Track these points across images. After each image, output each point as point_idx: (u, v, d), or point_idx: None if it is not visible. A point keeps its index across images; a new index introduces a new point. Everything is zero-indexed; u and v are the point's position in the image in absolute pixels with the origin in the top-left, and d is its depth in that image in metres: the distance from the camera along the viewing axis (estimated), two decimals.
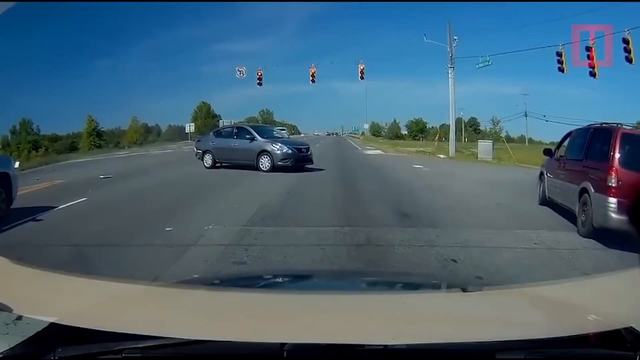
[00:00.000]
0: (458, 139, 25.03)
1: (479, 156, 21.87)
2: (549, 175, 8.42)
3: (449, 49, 22.89)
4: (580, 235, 6.49)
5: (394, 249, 5.73)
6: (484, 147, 22.28)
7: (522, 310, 1.52)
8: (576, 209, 6.74)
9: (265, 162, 13.99)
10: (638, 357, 1.13)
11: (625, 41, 17.90)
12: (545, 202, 8.42)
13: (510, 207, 8.77)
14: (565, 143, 8.34)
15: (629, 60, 18.01)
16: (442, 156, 22.50)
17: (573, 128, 8.68)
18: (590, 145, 7.10)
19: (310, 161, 14.56)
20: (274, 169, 13.72)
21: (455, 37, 22.98)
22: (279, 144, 14.26)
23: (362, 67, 24.10)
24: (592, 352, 1.18)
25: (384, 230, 6.59)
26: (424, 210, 8.15)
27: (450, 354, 1.15)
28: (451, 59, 22.99)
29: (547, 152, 9.11)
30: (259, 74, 24.75)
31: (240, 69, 25.35)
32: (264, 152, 14.10)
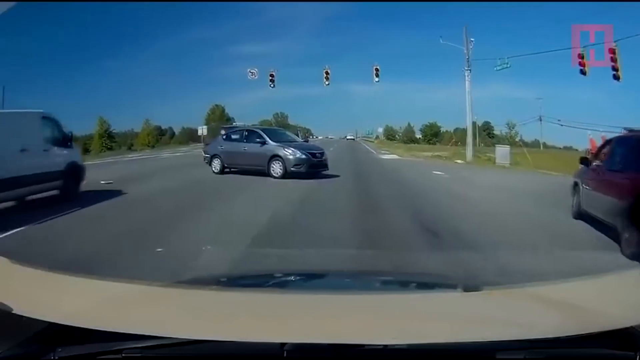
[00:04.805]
0: (474, 143, 24.71)
1: (496, 161, 21.56)
2: (585, 186, 7.64)
3: (465, 51, 22.77)
4: (624, 255, 5.72)
5: None
6: (501, 152, 22.03)
7: (522, 310, 1.52)
8: (619, 225, 5.99)
9: (276, 168, 13.30)
10: (638, 357, 1.13)
11: None
12: (581, 215, 7.70)
13: (543, 221, 8.10)
14: (605, 151, 7.68)
15: None
16: (459, 161, 22.27)
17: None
18: (638, 154, 6.38)
19: (325, 167, 13.84)
20: (286, 175, 13.05)
21: (471, 39, 22.90)
22: (292, 149, 13.53)
23: (376, 67, 24.05)
24: (592, 352, 1.18)
25: (412, 256, 5.73)
26: (452, 228, 7.27)
27: (451, 354, 1.15)
28: (468, 61, 22.82)
29: (584, 161, 8.37)
30: (271, 75, 24.73)
31: (252, 71, 25.39)
32: (275, 157, 13.39)
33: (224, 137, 15.30)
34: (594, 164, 7.85)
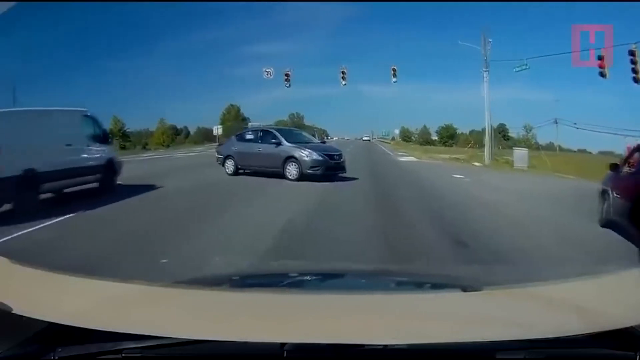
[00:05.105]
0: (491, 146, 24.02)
1: (514, 164, 21.03)
2: (615, 194, 7.24)
3: (483, 52, 22.31)
4: None
5: None
6: (519, 155, 21.47)
7: (522, 310, 1.52)
8: None
9: (292, 170, 12.80)
10: (638, 357, 1.13)
11: None
12: (609, 224, 7.28)
13: (573, 231, 7.62)
14: (636, 157, 7.31)
15: None
16: (477, 164, 21.90)
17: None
18: None
19: (343, 169, 13.24)
20: (302, 177, 12.52)
21: (489, 40, 22.34)
22: (308, 150, 12.98)
23: (394, 68, 23.77)
24: (592, 352, 1.18)
25: (442, 270, 5.37)
26: (480, 237, 6.73)
27: (451, 353, 1.15)
28: (486, 63, 22.33)
29: (614, 167, 7.98)
30: (287, 74, 24.64)
31: (267, 70, 25.11)
32: (291, 158, 12.89)
33: (238, 137, 14.79)
34: (625, 170, 7.53)
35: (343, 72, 24.13)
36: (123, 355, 1.14)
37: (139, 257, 5.56)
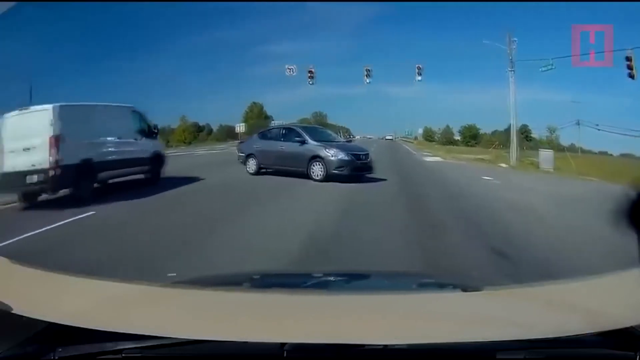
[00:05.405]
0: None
1: (540, 166, 20.66)
2: None
3: (508, 51, 22.07)
4: None
5: None
6: (545, 156, 21.12)
7: (522, 310, 1.52)
8: None
9: (317, 170, 12.28)
10: (638, 357, 1.13)
11: None
12: None
13: (621, 245, 6.81)
14: None
15: None
16: (503, 165, 21.62)
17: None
18: None
19: (370, 170, 12.67)
20: (327, 178, 12.00)
21: (514, 39, 22.12)
22: (334, 149, 12.46)
23: (419, 66, 23.73)
24: (592, 352, 1.18)
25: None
26: (523, 247, 6.13)
27: (451, 353, 1.15)
28: (511, 62, 22.07)
29: None
30: (310, 71, 24.53)
31: (290, 67, 25.08)
32: (316, 157, 12.36)
33: (260, 135, 14.31)
34: None
35: (367, 70, 24.14)
36: (123, 355, 1.14)
37: (140, 262, 5.38)
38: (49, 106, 9.51)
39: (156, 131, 12.60)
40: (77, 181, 9.50)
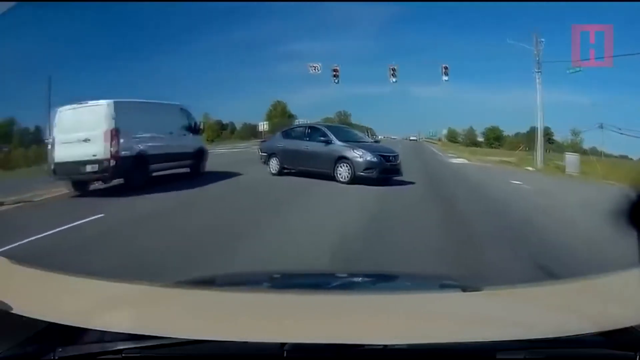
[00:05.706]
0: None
1: (566, 170, 19.98)
2: None
3: (535, 52, 21.63)
4: None
5: None
6: (571, 160, 20.50)
7: (522, 310, 1.51)
8: None
9: (343, 172, 11.62)
10: (638, 357, 1.12)
11: None
12: None
13: None
14: None
15: None
16: (530, 168, 21.18)
17: None
18: None
19: (399, 172, 12.01)
20: (354, 180, 11.36)
21: (541, 39, 21.62)
22: (362, 150, 11.81)
23: (445, 66, 23.38)
24: (592, 352, 1.18)
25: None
26: (565, 260, 5.59)
27: (451, 354, 1.15)
28: (538, 63, 21.60)
29: None
30: (335, 70, 24.24)
31: (313, 65, 24.81)
32: (342, 158, 11.72)
33: (284, 134, 13.60)
34: None
35: (393, 70, 23.87)
36: (123, 355, 1.14)
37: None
38: (105, 102, 10.30)
39: (201, 128, 13.75)
40: (132, 172, 10.29)
